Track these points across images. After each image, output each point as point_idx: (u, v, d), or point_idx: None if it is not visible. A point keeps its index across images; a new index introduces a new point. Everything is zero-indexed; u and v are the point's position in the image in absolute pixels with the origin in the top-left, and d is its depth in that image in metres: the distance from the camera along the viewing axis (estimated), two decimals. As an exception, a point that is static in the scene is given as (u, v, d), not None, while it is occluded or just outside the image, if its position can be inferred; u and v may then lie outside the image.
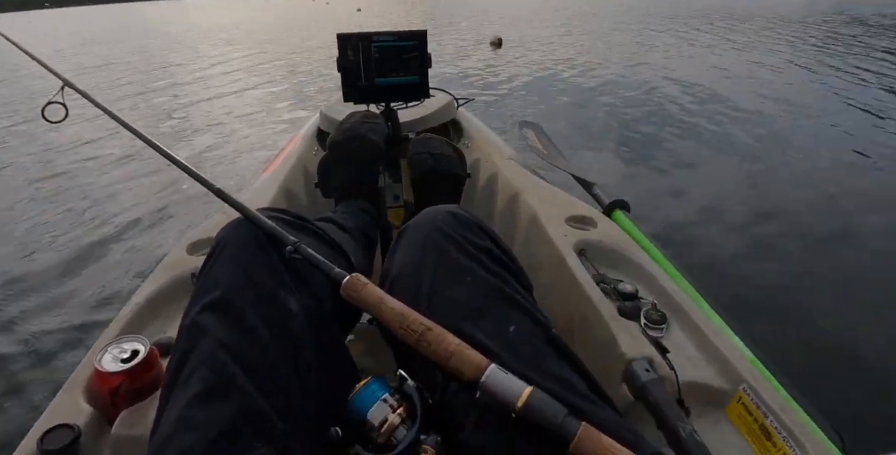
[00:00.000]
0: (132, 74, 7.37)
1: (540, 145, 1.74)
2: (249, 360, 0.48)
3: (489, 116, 4.25)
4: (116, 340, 0.70)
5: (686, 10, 20.09)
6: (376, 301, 0.51)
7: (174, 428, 0.44)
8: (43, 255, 2.22)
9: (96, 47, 11.76)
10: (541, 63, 7.17)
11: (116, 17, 31.99)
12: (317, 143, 1.61)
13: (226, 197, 0.65)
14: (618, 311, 0.81)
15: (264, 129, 4.23)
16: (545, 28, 12.72)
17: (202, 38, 13.49)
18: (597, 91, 5.41)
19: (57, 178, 3.13)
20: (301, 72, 7.08)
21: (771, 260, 2.16)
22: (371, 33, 1.28)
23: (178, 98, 5.58)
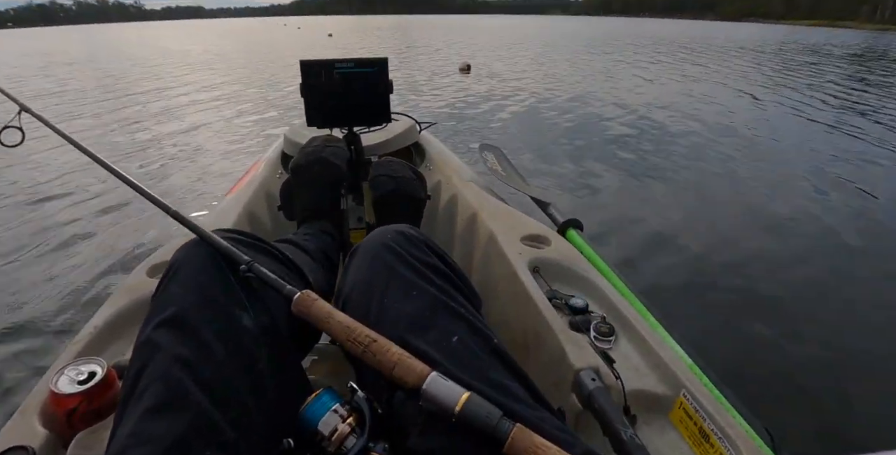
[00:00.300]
0: (93, 98, 7.25)
1: (499, 167, 1.81)
2: (204, 375, 0.49)
3: (452, 140, 4.36)
4: (73, 363, 0.70)
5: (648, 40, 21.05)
6: (325, 316, 0.54)
7: (126, 443, 0.45)
8: None
9: (58, 69, 11.53)
10: (506, 89, 7.38)
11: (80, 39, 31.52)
12: (280, 167, 1.63)
13: (181, 218, 0.67)
14: (569, 325, 0.85)
15: (229, 152, 4.22)
16: (514, 57, 13.13)
17: (168, 62, 13.39)
18: (558, 116, 5.61)
19: (10, 200, 3.04)
20: (267, 96, 7.09)
21: (710, 276, 2.30)
22: (333, 60, 1.32)
23: (142, 121, 5.51)
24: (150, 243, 2.45)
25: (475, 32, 29.59)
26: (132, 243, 2.47)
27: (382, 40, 21.49)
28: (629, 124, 5.21)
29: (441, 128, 4.80)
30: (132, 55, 16.26)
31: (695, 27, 51.04)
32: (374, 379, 0.53)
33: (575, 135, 4.79)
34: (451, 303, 0.59)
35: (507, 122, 5.27)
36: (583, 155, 4.10)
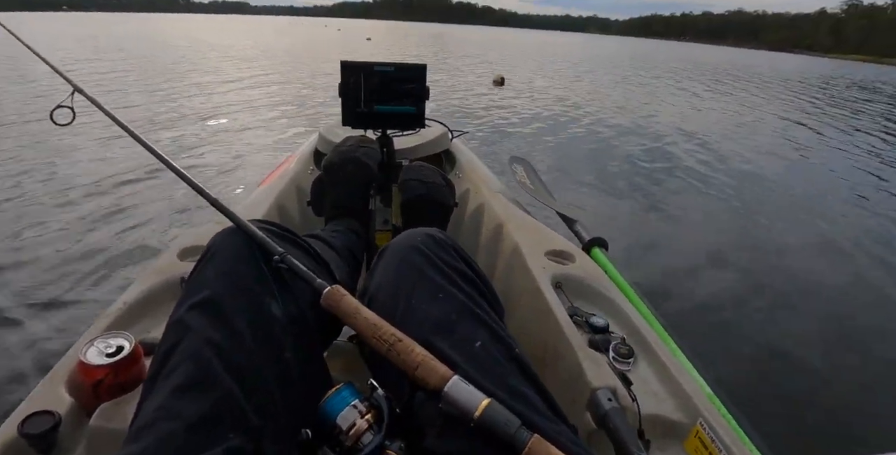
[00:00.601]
0: (139, 83, 7.49)
1: (528, 181, 1.81)
2: (232, 359, 0.51)
3: (482, 150, 4.37)
4: (102, 335, 0.72)
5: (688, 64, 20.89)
6: (352, 311, 0.55)
7: (154, 416, 0.47)
8: (34, 248, 2.24)
9: (109, 53, 11.94)
10: (540, 104, 7.39)
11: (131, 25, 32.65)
12: (312, 163, 1.66)
13: (220, 206, 0.69)
14: (588, 343, 0.84)
15: (264, 144, 4.31)
16: (549, 72, 13.17)
17: (212, 53, 13.79)
18: (590, 135, 5.59)
19: (58, 176, 3.16)
20: (304, 93, 7.22)
21: (737, 306, 2.26)
22: (373, 63, 1.35)
23: (184, 109, 5.66)
24: (181, 226, 2.53)
25: (512, 45, 29.76)
26: (164, 225, 2.54)
27: (420, 47, 21.75)
28: (663, 148, 5.15)
29: (472, 137, 4.83)
30: (180, 45, 16.77)
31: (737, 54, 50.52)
32: (395, 378, 0.54)
33: (606, 154, 4.76)
34: (476, 309, 0.59)
35: (538, 136, 5.27)
36: (612, 175, 4.07)
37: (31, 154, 3.59)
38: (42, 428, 0.60)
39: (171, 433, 0.45)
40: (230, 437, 0.46)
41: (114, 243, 2.34)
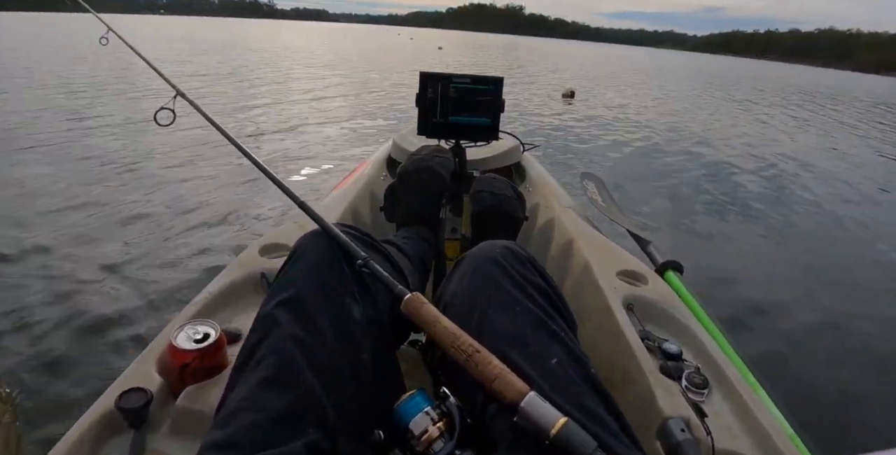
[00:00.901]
0: (232, 84, 8.01)
1: (599, 198, 1.77)
2: (314, 356, 0.53)
3: (552, 164, 4.31)
4: (191, 322, 0.77)
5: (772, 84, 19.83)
6: (432, 319, 0.56)
7: (240, 406, 0.49)
8: (134, 237, 2.44)
9: (205, 57, 12.86)
10: (611, 119, 7.23)
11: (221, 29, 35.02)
12: (386, 169, 1.70)
13: (308, 209, 0.72)
14: (659, 369, 0.81)
15: (340, 148, 4.48)
16: (620, 87, 12.89)
17: (295, 58, 14.57)
18: (664, 152, 5.40)
19: (157, 173, 3.42)
20: (378, 100, 7.44)
21: (822, 340, 2.11)
22: (451, 75, 1.37)
23: (267, 112, 5.99)
24: (264, 223, 2.69)
25: (583, 58, 29.36)
26: (249, 221, 2.72)
27: (489, 58, 21.89)
28: (744, 172, 4.86)
29: (541, 150, 4.79)
30: (265, 49, 17.80)
31: (825, 75, 47.42)
32: (468, 388, 0.54)
33: (681, 174, 4.57)
34: (551, 324, 0.59)
35: (609, 152, 5.15)
36: (688, 197, 3.90)
37: (134, 150, 3.92)
38: (136, 404, 0.65)
39: (255, 423, 0.47)
40: (309, 432, 0.48)
41: (203, 236, 2.51)
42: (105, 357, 1.58)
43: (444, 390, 0.56)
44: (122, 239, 2.42)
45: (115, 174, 3.35)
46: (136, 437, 0.65)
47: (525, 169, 1.72)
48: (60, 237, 2.38)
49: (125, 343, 1.65)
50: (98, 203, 2.82)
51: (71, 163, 3.52)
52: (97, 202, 2.84)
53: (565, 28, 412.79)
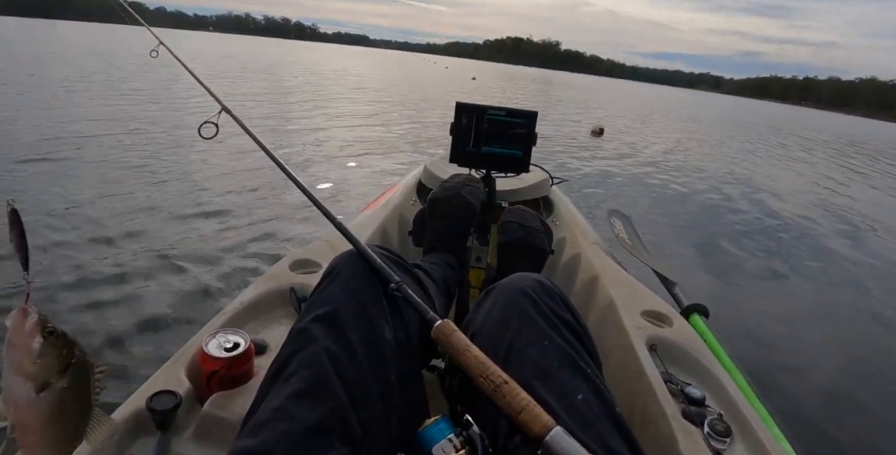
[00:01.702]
0: (273, 102, 8.31)
1: (626, 236, 1.77)
2: (346, 372, 0.54)
3: (580, 199, 4.31)
4: (222, 331, 0.79)
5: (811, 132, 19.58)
6: (462, 348, 0.57)
7: (272, 416, 0.51)
8: (169, 245, 2.52)
9: (250, 74, 13.43)
10: (639, 157, 7.23)
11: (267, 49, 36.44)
12: (415, 194, 1.73)
13: (345, 231, 0.75)
14: (682, 413, 0.80)
15: (372, 170, 4.58)
16: (653, 127, 12.90)
17: (335, 80, 15.09)
18: (695, 194, 5.35)
19: (196, 184, 3.54)
20: (411, 126, 7.60)
21: (850, 393, 2.04)
22: (487, 106, 1.40)
23: (305, 129, 6.18)
24: (295, 239, 2.75)
25: (616, 96, 29.54)
26: (281, 236, 2.78)
27: (522, 90, 22.20)
28: (778, 220, 4.79)
29: (568, 185, 4.80)
30: (308, 71, 18.44)
31: (865, 126, 46.61)
32: (492, 418, 0.55)
33: (712, 218, 4.52)
34: (578, 360, 0.59)
35: (638, 191, 5.13)
36: (717, 241, 3.84)
37: (176, 161, 4.06)
38: (166, 406, 0.67)
39: (286, 433, 0.48)
40: (337, 446, 0.49)
41: (237, 246, 2.58)
42: (136, 358, 1.62)
43: (468, 418, 0.56)
44: (159, 244, 2.51)
45: (156, 183, 3.48)
46: (162, 439, 0.67)
47: (553, 202, 1.73)
48: (100, 240, 2.47)
49: (156, 345, 1.69)
50: (137, 209, 2.93)
51: (114, 170, 3.66)
52: (136, 208, 2.94)
53: (600, 65, 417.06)
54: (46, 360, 0.30)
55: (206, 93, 1.15)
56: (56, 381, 0.30)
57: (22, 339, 0.30)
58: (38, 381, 0.30)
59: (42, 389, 0.30)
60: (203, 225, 2.82)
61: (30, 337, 0.30)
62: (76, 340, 0.32)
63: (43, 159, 3.74)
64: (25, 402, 0.30)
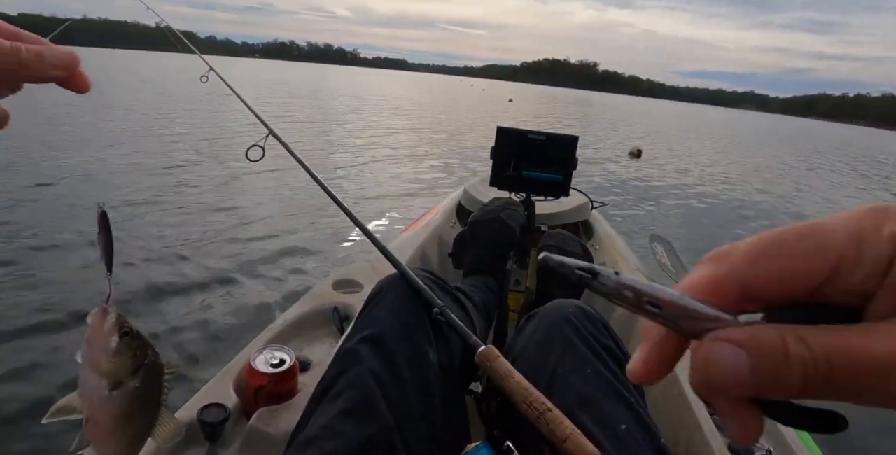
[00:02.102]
0: (317, 125, 8.60)
1: (668, 262, 1.73)
2: (391, 393, 0.56)
3: (619, 223, 4.24)
4: (269, 347, 0.82)
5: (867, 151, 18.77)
6: (505, 373, 0.58)
7: (319, 433, 0.52)
8: (216, 264, 2.61)
9: (295, 99, 13.96)
10: (680, 179, 7.08)
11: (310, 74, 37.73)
12: (455, 217, 1.75)
13: (389, 255, 0.77)
14: (728, 448, 0.78)
15: (411, 192, 4.65)
16: (693, 146, 12.64)
17: (376, 104, 15.54)
18: (737, 218, 5.19)
19: (244, 205, 3.67)
20: (451, 149, 7.68)
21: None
22: (528, 130, 1.42)
23: (347, 151, 6.35)
24: (337, 258, 2.82)
25: (655, 117, 29.15)
26: (323, 255, 2.85)
27: (558, 112, 22.18)
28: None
29: (607, 208, 4.73)
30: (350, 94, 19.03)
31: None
32: (532, 444, 0.55)
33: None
34: (622, 390, 0.58)
35: (678, 215, 5.00)
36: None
37: (224, 182, 4.21)
38: (216, 418, 0.69)
39: (333, 452, 0.50)
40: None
41: (281, 265, 2.66)
42: (186, 370, 1.67)
43: (509, 445, 0.56)
44: (208, 260, 2.61)
45: (203, 201, 3.63)
46: (211, 450, 0.69)
47: (593, 226, 1.72)
48: (153, 257, 2.58)
49: (203, 358, 1.75)
50: (187, 225, 3.06)
51: (164, 190, 3.83)
52: (187, 225, 3.07)
53: (639, 85, 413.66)
54: (121, 359, 0.31)
55: (252, 115, 1.21)
56: (129, 380, 0.31)
57: (100, 337, 0.31)
58: (111, 378, 0.31)
59: (115, 387, 0.31)
60: (250, 244, 2.91)
61: (107, 336, 0.31)
62: (150, 342, 0.33)
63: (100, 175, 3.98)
64: (98, 398, 0.31)
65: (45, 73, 0.28)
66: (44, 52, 0.27)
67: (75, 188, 3.65)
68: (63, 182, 3.76)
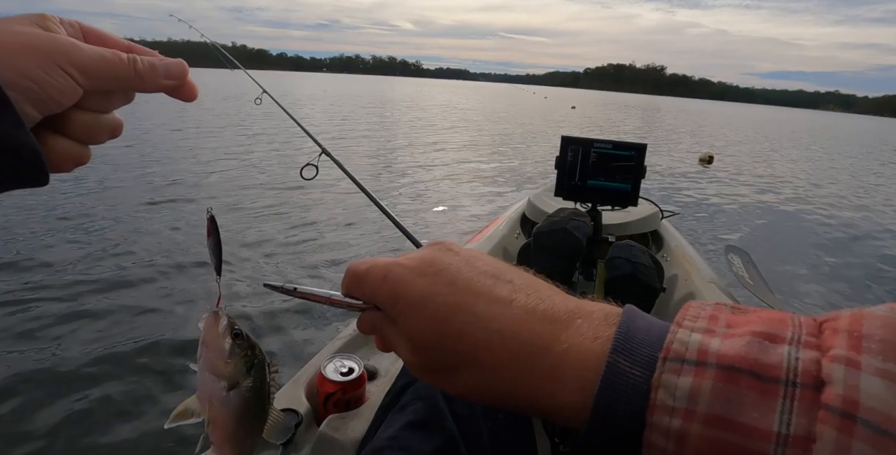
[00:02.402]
0: (371, 136, 8.87)
1: (746, 274, 1.63)
2: (457, 408, 0.56)
3: (692, 233, 4.04)
4: (339, 355, 0.84)
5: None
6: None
7: (387, 444, 0.53)
8: (293, 272, 2.76)
9: (360, 109, 14.53)
10: (755, 186, 6.68)
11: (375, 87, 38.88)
12: (519, 228, 1.74)
13: None
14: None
15: (474, 203, 4.65)
16: (769, 151, 11.92)
17: (434, 113, 15.77)
18: (822, 227, 4.82)
19: (306, 220, 3.79)
20: (512, 158, 7.64)
21: None
22: (592, 139, 1.39)
23: (409, 165, 6.43)
24: None
25: (730, 122, 27.70)
26: None
27: (623, 118, 21.59)
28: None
29: (678, 218, 4.53)
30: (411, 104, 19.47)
31: None
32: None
33: (846, 254, 4.03)
34: None
35: (755, 224, 4.72)
36: (851, 281, 3.39)
37: (284, 201, 4.28)
38: (290, 423, 0.72)
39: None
40: None
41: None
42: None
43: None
44: (289, 268, 2.76)
45: (266, 215, 3.77)
46: (283, 454, 0.72)
47: (663, 237, 1.66)
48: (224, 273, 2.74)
49: (285, 362, 1.82)
50: (253, 243, 3.16)
51: (227, 212, 3.91)
52: (252, 242, 3.18)
53: (710, 88, 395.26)
54: (236, 360, 0.32)
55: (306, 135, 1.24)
56: (243, 381, 0.32)
57: (215, 340, 0.32)
58: (229, 380, 0.32)
59: (232, 388, 0.32)
60: (319, 256, 3.03)
61: (222, 339, 0.32)
62: (256, 341, 0.34)
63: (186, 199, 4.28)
64: (217, 399, 0.32)
65: (158, 82, 0.29)
66: (157, 63, 0.29)
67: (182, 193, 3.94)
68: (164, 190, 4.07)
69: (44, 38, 0.26)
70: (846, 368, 0.18)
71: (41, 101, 0.25)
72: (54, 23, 0.27)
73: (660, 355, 0.21)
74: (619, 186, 1.39)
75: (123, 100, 0.30)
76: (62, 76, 0.25)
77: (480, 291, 0.27)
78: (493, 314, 0.26)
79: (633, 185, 1.38)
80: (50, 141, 0.27)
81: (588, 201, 1.46)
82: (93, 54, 0.27)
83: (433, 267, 0.28)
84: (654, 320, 0.24)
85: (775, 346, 0.20)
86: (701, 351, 0.20)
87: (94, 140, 0.30)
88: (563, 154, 1.41)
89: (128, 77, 0.28)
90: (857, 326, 0.19)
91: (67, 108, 0.27)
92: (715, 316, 0.23)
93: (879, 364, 0.18)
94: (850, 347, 0.18)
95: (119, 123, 0.31)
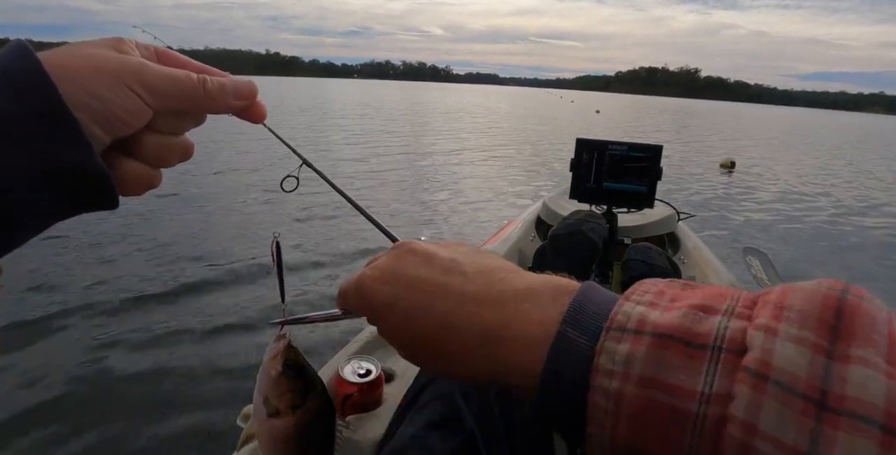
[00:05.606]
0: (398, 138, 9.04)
1: (765, 276, 1.61)
2: (476, 406, 0.57)
3: (710, 236, 3.95)
4: (356, 357, 0.87)
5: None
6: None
7: (409, 443, 0.55)
8: (309, 280, 2.79)
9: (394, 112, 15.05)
10: (776, 192, 6.50)
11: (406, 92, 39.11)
12: (534, 230, 1.74)
13: None
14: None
15: (489, 205, 4.66)
16: (797, 156, 11.51)
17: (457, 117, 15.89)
18: (843, 231, 4.68)
19: (310, 234, 3.65)
20: (530, 161, 7.62)
21: None
22: (608, 142, 1.39)
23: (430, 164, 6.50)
24: None
25: (762, 125, 26.85)
26: None
27: (649, 122, 21.15)
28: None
29: (696, 221, 4.43)
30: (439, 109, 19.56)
31: None
32: None
33: (867, 258, 3.92)
34: None
35: (775, 228, 4.62)
36: (873, 286, 3.28)
37: (267, 213, 4.15)
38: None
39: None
40: None
41: None
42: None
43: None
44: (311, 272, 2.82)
45: (247, 235, 3.56)
46: (300, 454, 0.75)
47: (680, 239, 1.64)
48: (238, 277, 2.75)
49: None
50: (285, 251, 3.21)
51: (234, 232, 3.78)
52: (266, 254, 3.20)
53: (746, 91, 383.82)
54: (278, 391, 0.33)
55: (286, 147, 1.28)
56: (287, 414, 0.32)
57: (268, 364, 0.33)
58: (269, 406, 0.32)
59: (273, 415, 0.32)
60: (339, 259, 3.09)
61: (272, 366, 0.33)
62: (317, 382, 0.34)
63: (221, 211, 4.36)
64: (259, 419, 0.33)
65: (228, 102, 0.29)
66: (226, 84, 0.29)
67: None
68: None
69: (112, 59, 0.26)
70: (765, 335, 0.20)
71: (108, 122, 0.25)
72: (129, 46, 0.27)
73: (605, 325, 0.23)
74: (635, 188, 1.39)
75: (195, 121, 0.30)
76: (128, 95, 0.25)
77: (435, 290, 0.28)
78: (448, 310, 0.28)
79: (648, 187, 1.38)
80: (122, 164, 0.27)
81: (603, 203, 1.47)
82: (160, 74, 0.27)
83: (393, 273, 0.30)
84: (611, 296, 0.26)
85: (709, 316, 0.22)
86: (640, 321, 0.22)
87: (165, 163, 0.29)
88: (578, 156, 1.42)
89: (197, 97, 0.28)
90: (783, 298, 0.21)
91: (138, 130, 0.27)
92: (663, 291, 0.25)
93: (795, 331, 0.20)
94: (772, 317, 0.21)
95: (190, 145, 0.30)
